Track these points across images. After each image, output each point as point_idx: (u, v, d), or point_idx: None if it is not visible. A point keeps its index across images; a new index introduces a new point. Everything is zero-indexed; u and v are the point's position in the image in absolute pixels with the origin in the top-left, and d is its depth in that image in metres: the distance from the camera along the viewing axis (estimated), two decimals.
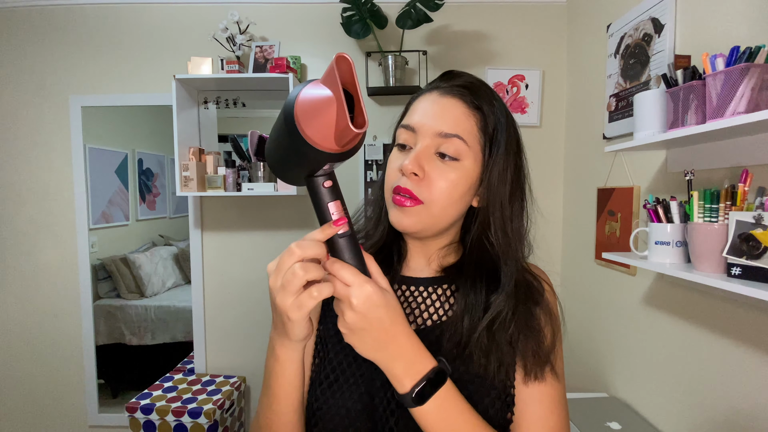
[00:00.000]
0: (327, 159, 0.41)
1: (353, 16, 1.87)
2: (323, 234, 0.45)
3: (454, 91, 0.57)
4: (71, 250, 2.16)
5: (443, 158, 0.55)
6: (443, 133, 0.54)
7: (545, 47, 2.09)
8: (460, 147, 0.54)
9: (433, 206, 0.55)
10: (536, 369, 0.54)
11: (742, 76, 0.85)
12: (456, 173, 0.55)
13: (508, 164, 0.57)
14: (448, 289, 0.60)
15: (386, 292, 0.46)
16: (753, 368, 1.02)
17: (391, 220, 0.57)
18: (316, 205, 0.45)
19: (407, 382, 0.47)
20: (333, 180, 0.45)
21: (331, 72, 0.37)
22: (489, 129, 0.56)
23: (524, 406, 0.54)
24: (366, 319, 0.44)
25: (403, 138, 0.57)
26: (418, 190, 0.54)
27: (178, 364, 2.30)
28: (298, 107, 0.39)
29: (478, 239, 0.59)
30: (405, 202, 0.54)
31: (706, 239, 0.96)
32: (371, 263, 0.48)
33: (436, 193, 0.54)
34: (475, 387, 0.53)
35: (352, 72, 0.38)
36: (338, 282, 0.45)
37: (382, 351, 0.46)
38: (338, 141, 0.39)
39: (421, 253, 0.63)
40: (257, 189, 1.88)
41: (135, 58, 2.10)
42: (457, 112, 0.55)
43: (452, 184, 0.54)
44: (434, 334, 0.57)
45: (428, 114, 0.56)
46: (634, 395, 1.49)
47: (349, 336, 0.46)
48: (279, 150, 0.44)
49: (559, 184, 2.12)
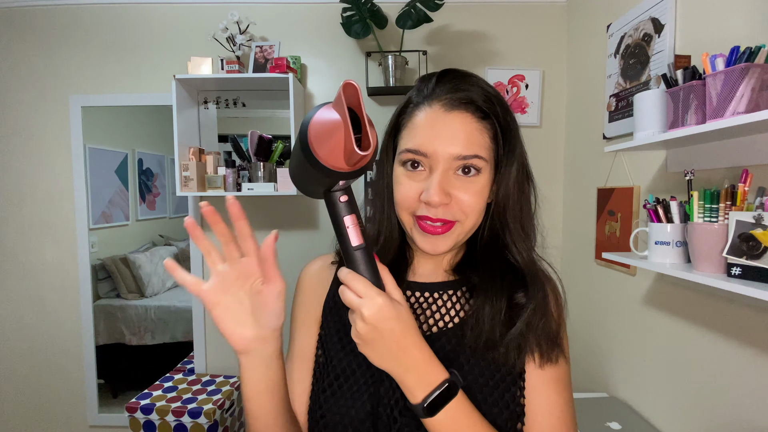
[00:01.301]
0: (339, 177, 0.43)
1: (353, 16, 1.87)
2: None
3: (460, 105, 0.53)
4: (71, 250, 2.16)
5: (466, 174, 0.54)
6: (462, 156, 0.52)
7: (545, 47, 2.09)
8: (481, 164, 0.54)
9: (467, 222, 0.55)
10: (550, 352, 0.55)
11: (742, 76, 0.85)
12: (478, 184, 0.54)
13: (515, 160, 0.56)
14: (457, 292, 0.60)
15: (398, 304, 0.47)
16: (753, 368, 1.02)
17: (420, 246, 0.56)
18: (333, 218, 0.47)
19: (419, 393, 0.47)
20: (349, 195, 0.47)
21: (339, 97, 0.40)
22: (499, 135, 0.55)
23: (535, 390, 0.55)
24: (377, 331, 0.45)
25: (411, 158, 0.54)
26: (450, 213, 0.54)
27: (178, 364, 2.30)
28: (311, 130, 0.42)
29: (490, 235, 0.59)
30: (438, 229, 0.54)
31: (706, 239, 0.96)
32: (386, 275, 0.48)
33: (468, 209, 0.54)
34: (488, 390, 0.54)
35: (358, 96, 0.40)
36: (350, 293, 0.46)
37: (394, 362, 0.47)
38: (348, 161, 0.42)
39: (429, 259, 0.62)
40: (257, 189, 1.88)
41: (135, 58, 2.10)
42: (469, 128, 0.53)
43: (478, 196, 0.54)
44: (445, 339, 0.57)
45: (440, 137, 0.53)
46: (634, 395, 1.49)
47: (362, 346, 0.47)
48: (298, 168, 0.47)
49: (559, 184, 2.12)
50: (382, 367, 0.48)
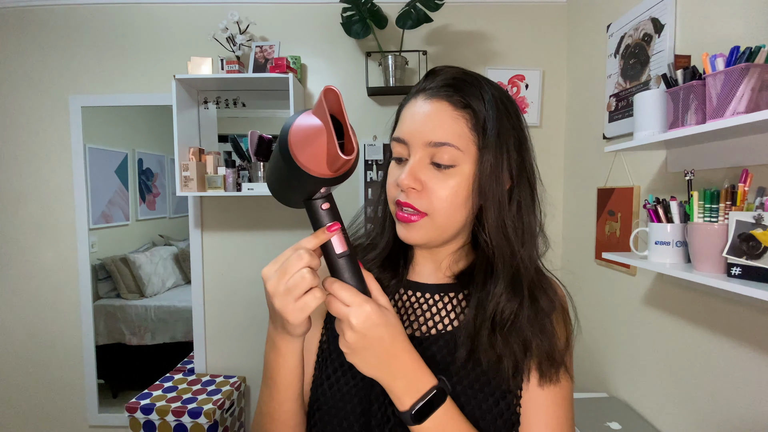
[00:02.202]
0: (321, 183, 0.43)
1: (353, 16, 1.87)
2: (317, 240, 0.46)
3: (440, 93, 0.53)
4: (71, 250, 2.16)
5: (439, 167, 0.52)
6: (433, 142, 0.52)
7: (545, 47, 2.09)
8: (454, 153, 0.51)
9: (438, 216, 0.53)
10: (551, 371, 0.53)
11: (742, 76, 0.85)
12: (455, 179, 0.52)
13: (502, 159, 0.53)
14: (458, 295, 0.59)
15: (386, 310, 0.47)
16: (753, 368, 1.02)
17: (399, 234, 0.56)
18: (315, 227, 0.47)
19: (407, 400, 0.47)
20: (330, 202, 0.47)
21: (321, 103, 0.41)
22: (480, 125, 0.52)
23: (532, 406, 0.54)
24: (366, 339, 0.45)
25: (397, 151, 0.56)
26: (420, 202, 0.53)
27: (178, 364, 2.30)
28: (292, 136, 0.42)
29: (489, 241, 0.57)
30: (410, 217, 0.53)
31: (706, 239, 0.96)
32: (371, 281, 0.48)
33: (438, 203, 0.52)
34: (482, 398, 0.53)
35: (339, 102, 0.40)
36: (338, 302, 0.45)
37: (383, 369, 0.46)
38: (330, 167, 0.42)
39: (429, 259, 0.62)
40: (257, 189, 1.88)
41: (135, 58, 2.10)
42: (444, 116, 0.52)
43: (453, 192, 0.52)
44: (443, 342, 0.56)
45: (416, 123, 0.53)
46: (634, 395, 1.49)
47: (350, 356, 0.46)
48: (276, 175, 0.47)
49: (559, 184, 2.12)
50: (370, 375, 0.47)
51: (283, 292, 0.44)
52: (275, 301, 0.45)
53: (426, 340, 0.56)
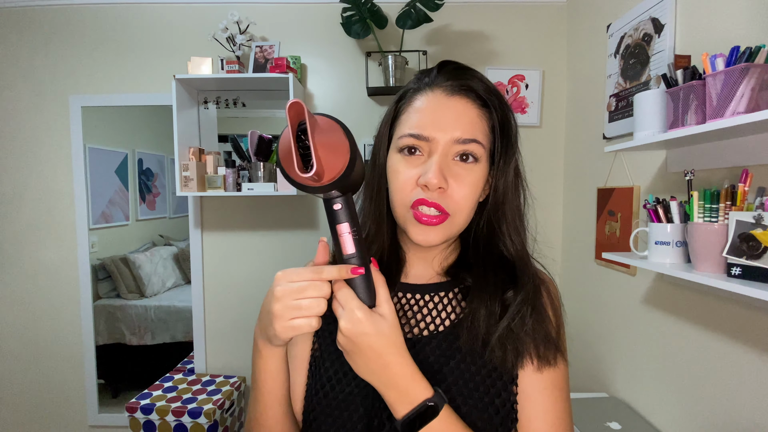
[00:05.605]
0: (315, 191, 0.43)
1: (353, 16, 1.87)
2: (338, 275, 0.46)
3: (462, 90, 0.54)
4: (71, 250, 2.16)
5: (466, 161, 0.53)
6: (461, 139, 0.52)
7: (545, 47, 2.09)
8: (478, 149, 0.53)
9: (459, 216, 0.54)
10: (548, 355, 0.54)
11: (742, 76, 0.85)
12: (474, 175, 0.53)
13: (512, 157, 0.56)
14: (449, 293, 0.59)
15: (381, 319, 0.46)
16: (753, 368, 1.02)
17: (412, 237, 0.54)
18: (329, 223, 0.48)
19: (400, 409, 0.47)
20: (342, 203, 0.47)
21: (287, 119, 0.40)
22: (497, 125, 0.55)
23: (530, 395, 0.53)
24: (354, 344, 0.45)
25: (410, 143, 0.53)
26: (446, 202, 0.52)
27: (178, 364, 2.30)
28: (279, 149, 0.43)
29: (484, 233, 0.58)
30: (432, 220, 0.52)
31: (706, 239, 0.96)
32: (381, 288, 0.48)
33: (462, 201, 0.53)
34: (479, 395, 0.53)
35: (304, 114, 0.39)
36: (335, 302, 0.46)
37: (374, 376, 0.47)
38: (314, 178, 0.41)
39: (422, 259, 0.61)
40: (257, 189, 1.88)
41: (135, 58, 2.10)
42: (471, 114, 0.53)
43: (473, 188, 0.53)
44: (436, 343, 0.55)
45: (441, 120, 0.52)
46: (634, 395, 1.49)
47: (345, 355, 0.47)
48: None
49: (559, 184, 2.12)
50: (364, 379, 0.47)
51: (290, 305, 0.44)
52: (276, 305, 0.45)
53: (419, 341, 0.56)
